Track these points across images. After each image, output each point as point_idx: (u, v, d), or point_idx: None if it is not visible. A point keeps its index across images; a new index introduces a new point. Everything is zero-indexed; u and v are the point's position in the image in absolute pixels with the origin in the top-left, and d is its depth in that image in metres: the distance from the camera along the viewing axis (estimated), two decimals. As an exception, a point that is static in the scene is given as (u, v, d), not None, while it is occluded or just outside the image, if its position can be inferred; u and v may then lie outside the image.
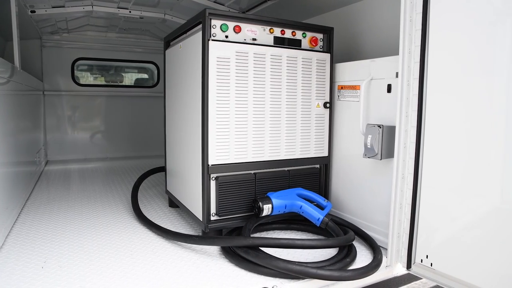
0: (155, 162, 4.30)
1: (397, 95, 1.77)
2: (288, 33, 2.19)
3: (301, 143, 2.29)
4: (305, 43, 2.25)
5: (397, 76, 1.79)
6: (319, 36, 2.30)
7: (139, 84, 5.38)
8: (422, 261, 1.74)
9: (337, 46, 2.43)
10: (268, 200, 2.04)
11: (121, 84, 5.20)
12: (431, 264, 1.70)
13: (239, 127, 2.07)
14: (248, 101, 2.07)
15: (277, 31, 2.16)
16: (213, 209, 2.07)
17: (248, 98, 2.07)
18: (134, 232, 2.25)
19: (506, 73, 1.40)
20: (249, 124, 2.10)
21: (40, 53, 4.52)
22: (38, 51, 4.48)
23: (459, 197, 1.57)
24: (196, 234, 2.25)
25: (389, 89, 1.98)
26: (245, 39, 2.07)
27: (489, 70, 1.46)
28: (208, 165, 2.01)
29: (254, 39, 2.09)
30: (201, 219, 2.09)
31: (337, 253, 1.88)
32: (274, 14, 3.05)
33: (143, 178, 3.25)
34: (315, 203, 2.11)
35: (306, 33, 2.25)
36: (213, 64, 1.96)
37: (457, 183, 1.57)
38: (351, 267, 1.76)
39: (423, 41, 1.68)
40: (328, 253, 1.96)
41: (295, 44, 2.21)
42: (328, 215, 2.03)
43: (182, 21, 3.91)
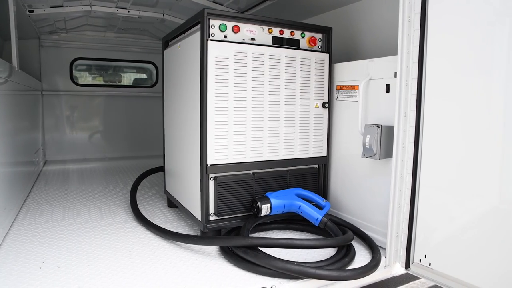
0: (154, 162, 4.29)
1: (396, 95, 1.77)
2: (287, 33, 2.19)
3: (299, 143, 2.29)
4: (303, 43, 2.25)
5: (395, 76, 1.80)
6: (318, 36, 2.31)
7: (137, 84, 5.37)
8: (420, 261, 1.74)
9: (335, 46, 2.44)
10: (267, 200, 2.04)
11: (119, 84, 5.19)
12: (430, 263, 1.70)
13: (238, 127, 2.07)
14: (246, 101, 2.07)
15: (276, 31, 2.16)
16: (211, 209, 2.07)
17: (247, 98, 2.07)
18: (133, 232, 2.25)
19: (505, 73, 1.41)
20: (248, 124, 2.10)
21: (39, 53, 4.51)
22: (36, 51, 4.47)
23: (458, 197, 1.57)
24: (194, 234, 2.25)
25: (387, 89, 1.98)
26: (243, 39, 2.06)
27: (487, 70, 1.46)
28: (207, 165, 2.01)
29: (253, 39, 2.09)
30: (199, 219, 2.09)
31: (335, 253, 1.88)
32: (273, 14, 3.05)
33: (141, 178, 3.25)
34: (313, 203, 2.11)
35: (305, 33, 2.25)
36: (212, 64, 1.96)
37: (456, 183, 1.58)
38: (349, 267, 1.77)
39: (421, 41, 1.68)
40: (326, 253, 1.97)
41: (293, 44, 2.22)
42: (326, 215, 2.03)
43: (181, 21, 3.91)
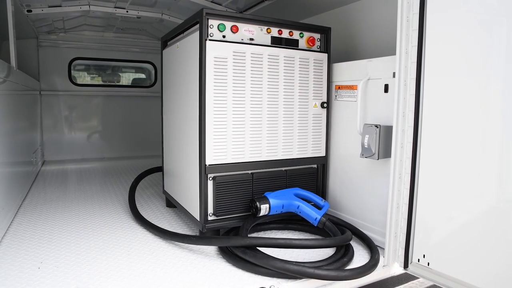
0: (153, 162, 4.29)
1: (394, 95, 1.77)
2: (286, 33, 2.19)
3: (298, 143, 2.29)
4: (302, 43, 2.26)
5: (394, 76, 1.80)
6: (317, 36, 2.31)
7: (136, 84, 5.37)
8: (419, 261, 1.75)
9: (334, 46, 2.44)
10: (266, 200, 2.04)
11: (118, 84, 5.18)
12: (428, 263, 1.70)
13: (237, 127, 2.07)
14: (245, 101, 2.07)
15: (275, 31, 2.16)
16: (210, 209, 2.07)
17: (246, 98, 2.07)
18: (132, 232, 2.25)
19: (503, 73, 1.41)
20: (247, 124, 2.09)
21: (37, 52, 4.50)
22: (34, 51, 4.46)
23: (456, 196, 1.58)
24: (193, 234, 2.25)
25: (386, 89, 1.99)
26: (242, 39, 2.06)
27: (486, 70, 1.46)
28: (206, 165, 2.01)
29: (252, 39, 2.09)
30: (198, 219, 2.09)
31: (334, 252, 1.88)
32: (272, 14, 3.05)
33: (140, 178, 3.24)
34: (312, 203, 2.12)
35: (304, 33, 2.25)
36: (211, 64, 1.96)
37: (454, 182, 1.58)
38: (348, 267, 1.77)
39: (420, 41, 1.68)
40: (325, 253, 1.97)
41: (292, 44, 2.22)
42: (325, 215, 2.03)
43: (180, 21, 3.90)
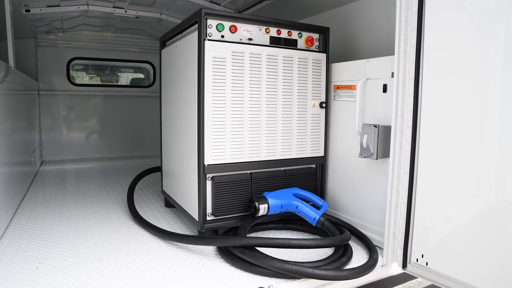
0: (151, 162, 4.28)
1: (393, 95, 1.77)
2: (284, 33, 2.19)
3: (297, 143, 2.29)
4: (301, 43, 2.26)
5: (392, 76, 1.80)
6: (315, 36, 2.31)
7: (135, 84, 5.36)
8: (417, 261, 1.75)
9: (333, 46, 2.44)
10: (264, 200, 2.04)
11: (116, 84, 5.18)
12: (427, 263, 1.70)
13: (235, 127, 2.07)
14: (244, 101, 2.07)
15: (273, 31, 2.16)
16: (209, 209, 2.07)
17: (244, 98, 2.07)
18: (130, 233, 2.25)
19: (501, 73, 1.41)
20: (245, 124, 2.09)
21: (35, 52, 4.50)
22: (33, 51, 4.45)
23: (454, 196, 1.58)
24: (192, 234, 2.25)
25: (384, 89, 1.99)
26: (241, 39, 2.06)
27: (483, 70, 1.46)
28: (204, 165, 2.01)
29: (250, 39, 2.09)
30: (197, 219, 2.09)
31: (333, 252, 1.88)
32: (270, 14, 3.05)
33: (139, 178, 3.24)
34: (311, 203, 2.12)
35: (302, 33, 2.25)
36: (209, 64, 1.96)
37: (453, 182, 1.58)
38: (347, 267, 1.77)
39: (418, 41, 1.68)
40: (324, 252, 1.97)
41: (291, 44, 2.22)
42: (324, 214, 2.04)
43: (178, 20, 3.90)
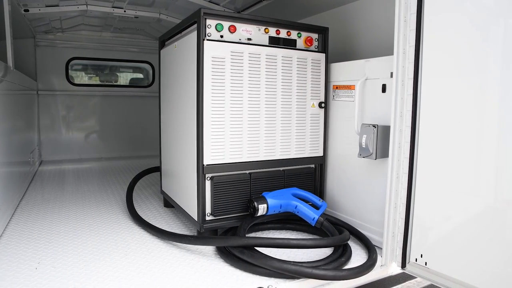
0: (150, 162, 4.28)
1: (392, 95, 1.77)
2: (283, 33, 2.19)
3: (296, 143, 2.29)
4: (300, 43, 2.26)
5: (391, 76, 1.80)
6: (314, 36, 2.31)
7: (134, 84, 5.36)
8: (416, 260, 1.75)
9: (332, 46, 2.44)
10: (263, 200, 2.04)
11: (116, 84, 5.17)
12: (426, 263, 1.70)
13: (234, 127, 2.07)
14: (243, 101, 2.07)
15: (272, 31, 2.16)
16: (208, 209, 2.07)
17: (243, 98, 2.07)
18: (129, 233, 2.24)
19: (500, 73, 1.41)
20: (244, 124, 2.09)
21: (34, 52, 4.49)
22: (32, 51, 4.45)
23: (453, 196, 1.58)
24: (191, 234, 2.25)
25: (383, 89, 1.99)
26: (240, 39, 2.06)
27: (482, 70, 1.47)
28: (203, 165, 2.01)
29: (249, 39, 2.09)
30: (196, 219, 2.09)
31: (332, 252, 1.88)
32: (269, 14, 3.05)
33: (138, 178, 3.24)
34: (310, 202, 2.12)
35: (301, 33, 2.25)
36: (208, 64, 1.96)
37: (451, 182, 1.58)
38: (346, 267, 1.77)
39: (417, 41, 1.68)
40: (323, 252, 1.97)
41: (290, 44, 2.22)
42: (323, 214, 2.04)
43: (177, 20, 3.90)
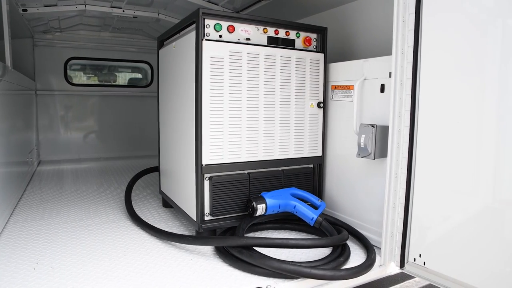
0: (149, 162, 4.28)
1: (390, 95, 1.78)
2: (282, 33, 2.19)
3: (295, 143, 2.29)
4: (298, 43, 2.26)
5: (390, 76, 1.80)
6: (313, 36, 2.31)
7: (132, 83, 5.35)
8: (415, 260, 1.75)
9: (330, 46, 2.44)
10: (262, 200, 2.04)
11: (114, 83, 5.17)
12: (424, 263, 1.71)
13: (233, 127, 2.06)
14: (242, 101, 2.07)
15: (271, 31, 2.16)
16: (207, 209, 2.06)
17: (242, 98, 2.07)
18: (128, 233, 2.24)
19: (498, 72, 1.42)
20: (243, 124, 2.09)
21: (32, 52, 4.48)
22: (30, 50, 4.44)
23: (452, 196, 1.58)
24: (190, 234, 2.25)
25: (382, 89, 1.99)
26: (238, 39, 2.06)
27: (481, 70, 1.47)
28: (202, 165, 2.01)
29: (248, 39, 2.09)
30: (195, 219, 2.09)
31: (330, 252, 1.88)
32: (268, 14, 3.05)
33: (136, 178, 3.23)
34: (309, 202, 2.12)
35: (300, 33, 2.25)
36: (207, 64, 1.96)
37: (450, 182, 1.59)
38: (344, 267, 1.77)
39: (416, 41, 1.69)
40: (322, 252, 1.97)
41: (289, 44, 2.22)
42: (322, 214, 2.04)
43: (176, 20, 3.90)
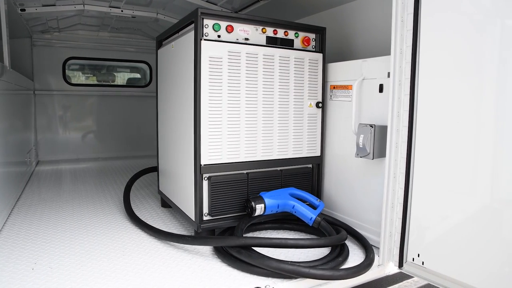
0: (148, 162, 4.27)
1: (389, 95, 1.78)
2: (281, 33, 2.19)
3: (293, 143, 2.29)
4: (297, 43, 2.26)
5: (388, 76, 1.80)
6: (312, 36, 2.31)
7: (131, 83, 5.35)
8: (413, 260, 1.75)
9: (329, 46, 2.44)
10: (261, 200, 2.04)
11: (113, 83, 5.16)
12: (423, 262, 1.71)
13: (232, 127, 2.06)
14: (240, 101, 2.07)
15: (270, 31, 2.16)
16: (205, 209, 2.06)
17: (241, 98, 2.07)
18: (126, 233, 2.24)
19: (496, 72, 1.42)
20: (242, 124, 2.09)
21: (31, 52, 4.47)
22: (28, 50, 4.43)
23: (450, 196, 1.59)
24: (188, 234, 2.24)
25: (381, 89, 1.99)
26: (237, 39, 2.06)
27: (479, 70, 1.47)
28: (201, 165, 2.00)
29: (247, 38, 2.09)
30: (193, 219, 2.08)
31: (329, 252, 1.88)
32: (267, 14, 3.05)
33: (135, 178, 3.23)
34: (307, 202, 2.12)
35: (299, 33, 2.25)
36: (206, 64, 1.96)
37: (448, 182, 1.59)
38: (343, 266, 1.77)
39: (414, 41, 1.69)
40: (320, 252, 1.97)
41: (287, 44, 2.22)
42: (320, 214, 2.04)
43: (175, 20, 3.89)
